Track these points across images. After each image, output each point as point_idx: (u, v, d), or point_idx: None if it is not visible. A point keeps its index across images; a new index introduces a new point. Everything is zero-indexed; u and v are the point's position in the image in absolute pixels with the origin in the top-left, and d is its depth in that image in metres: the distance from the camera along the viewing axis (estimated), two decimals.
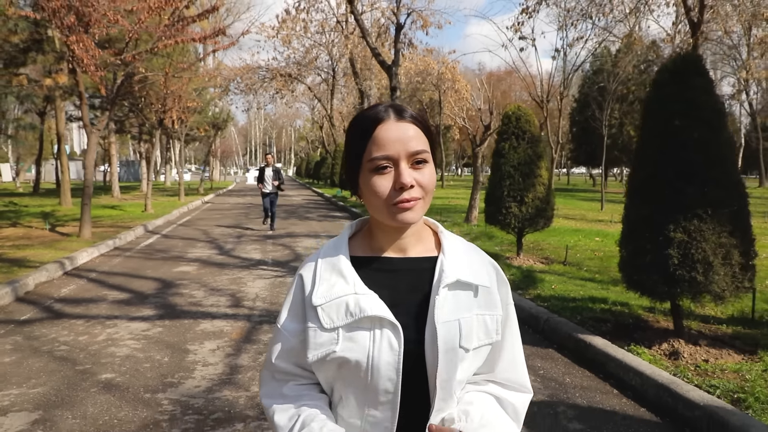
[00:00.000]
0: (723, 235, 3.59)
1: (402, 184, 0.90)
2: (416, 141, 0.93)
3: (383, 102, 0.98)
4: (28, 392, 3.29)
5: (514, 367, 1.05)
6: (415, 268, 0.99)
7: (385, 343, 0.92)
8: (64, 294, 5.85)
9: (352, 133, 0.98)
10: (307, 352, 0.94)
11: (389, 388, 0.93)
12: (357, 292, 0.94)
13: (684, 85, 3.75)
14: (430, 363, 0.94)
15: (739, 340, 4.11)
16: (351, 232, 1.06)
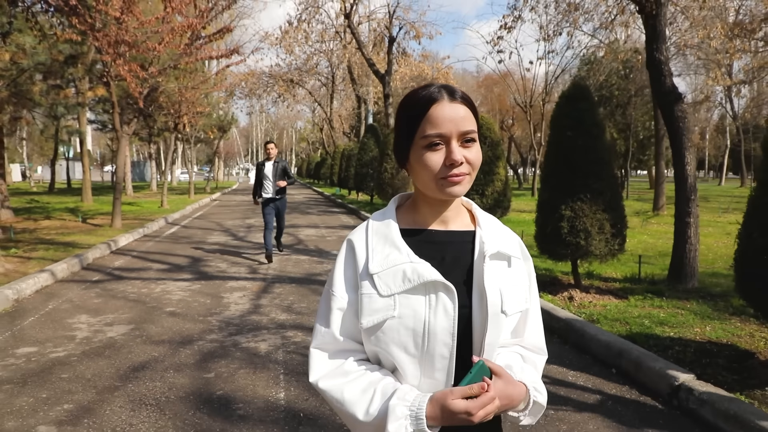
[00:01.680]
0: (598, 212, 5.15)
1: (453, 160, 0.96)
2: (467, 121, 0.98)
3: (435, 83, 1.04)
4: (120, 316, 4.87)
5: (538, 333, 1.13)
6: (457, 240, 1.06)
7: (441, 307, 0.97)
8: (118, 265, 7.44)
9: (406, 111, 1.02)
10: (361, 318, 0.99)
11: (444, 353, 0.98)
12: (412, 260, 0.99)
13: (573, 107, 5.31)
14: (477, 326, 1.00)
15: (621, 291, 5.67)
16: (396, 205, 1.11)
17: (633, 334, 4.20)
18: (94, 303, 5.37)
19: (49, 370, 3.60)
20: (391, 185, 14.83)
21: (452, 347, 0.98)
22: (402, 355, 0.99)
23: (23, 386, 3.33)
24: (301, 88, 30.07)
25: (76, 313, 5.01)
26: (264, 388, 3.32)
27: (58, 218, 13.33)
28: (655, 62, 5.58)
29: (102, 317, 4.85)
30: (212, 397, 3.19)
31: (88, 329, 4.50)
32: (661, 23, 5.58)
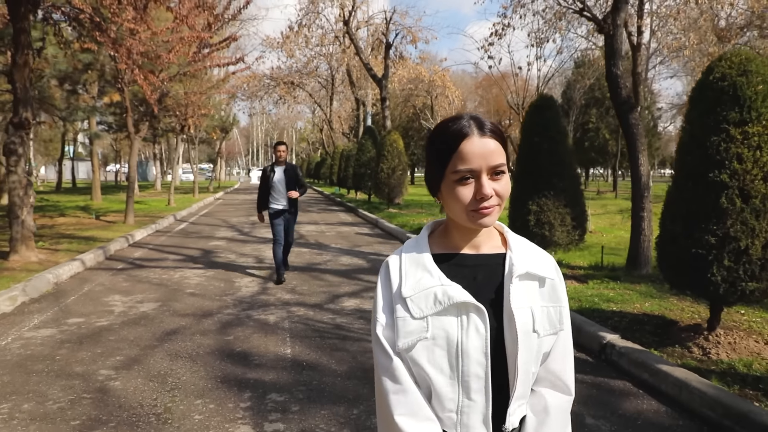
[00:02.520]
0: (560, 207, 5.95)
1: (483, 194, 1.00)
2: (497, 155, 1.01)
3: (464, 114, 1.07)
4: (148, 296, 5.67)
5: (564, 360, 1.12)
6: (489, 263, 1.09)
7: (473, 327, 1.01)
8: (138, 256, 8.24)
9: (437, 144, 1.05)
10: (397, 341, 1.03)
11: (480, 373, 1.01)
12: (443, 283, 1.03)
13: (540, 115, 6.11)
14: (509, 346, 1.02)
15: (584, 277, 6.46)
16: (428, 232, 1.16)
17: (582, 308, 5.00)
18: (123, 286, 6.17)
19: (98, 334, 4.40)
20: (387, 185, 15.61)
21: (486, 366, 1.01)
22: (438, 376, 1.02)
23: (80, 345, 4.13)
24: (302, 90, 30.85)
25: (109, 293, 5.81)
26: (274, 347, 4.12)
27: (72, 215, 14.12)
28: (613, 76, 6.38)
29: (132, 297, 5.65)
30: (233, 353, 3.99)
31: (123, 305, 5.30)
32: (618, 42, 6.37)
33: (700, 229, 3.70)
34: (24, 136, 7.32)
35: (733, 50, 3.92)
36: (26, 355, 3.91)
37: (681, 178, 4.00)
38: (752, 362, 3.64)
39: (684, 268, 3.83)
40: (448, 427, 1.04)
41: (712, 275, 3.63)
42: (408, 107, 36.95)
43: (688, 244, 3.75)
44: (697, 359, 3.77)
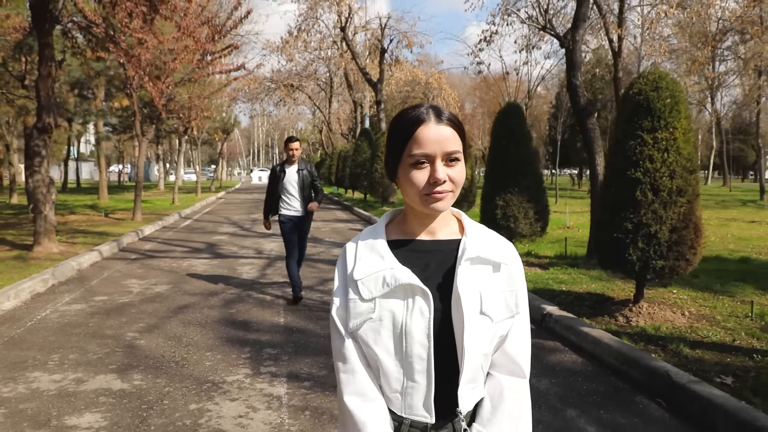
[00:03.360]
0: (524, 202, 6.73)
1: (436, 179, 1.02)
2: (452, 142, 1.04)
3: (424, 103, 1.09)
4: (161, 280, 6.46)
5: (521, 346, 1.13)
6: (443, 249, 1.12)
7: (417, 309, 1.04)
8: (148, 248, 9.04)
9: (395, 130, 1.08)
10: (349, 322, 1.08)
11: (422, 354, 1.04)
12: (393, 267, 1.07)
13: (507, 122, 6.90)
14: (457, 328, 1.04)
15: (547, 264, 7.25)
16: (387, 220, 1.19)
17: (536, 288, 5.79)
18: (138, 272, 6.97)
19: (121, 308, 5.20)
20: (381, 184, 16.40)
21: (429, 348, 1.03)
22: (385, 356, 1.05)
23: (108, 315, 4.93)
24: (301, 92, 31.64)
25: (127, 278, 6.61)
26: (269, 317, 4.92)
27: (82, 213, 14.92)
28: (572, 86, 7.17)
29: (147, 281, 6.45)
30: (236, 321, 4.79)
31: (140, 287, 6.10)
32: (577, 56, 7.16)
33: (620, 218, 4.49)
34: (46, 139, 8.12)
35: (650, 70, 4.71)
36: (64, 322, 4.71)
37: (608, 175, 4.79)
38: (660, 326, 4.43)
39: (609, 251, 4.62)
40: (395, 408, 1.08)
41: (629, 255, 4.42)
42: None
43: (612, 230, 4.54)
44: (618, 325, 4.56)
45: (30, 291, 5.65)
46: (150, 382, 3.43)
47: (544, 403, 3.21)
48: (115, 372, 3.59)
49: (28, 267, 6.74)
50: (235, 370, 3.63)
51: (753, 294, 5.53)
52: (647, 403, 3.25)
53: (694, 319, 4.68)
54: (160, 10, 8.41)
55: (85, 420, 2.91)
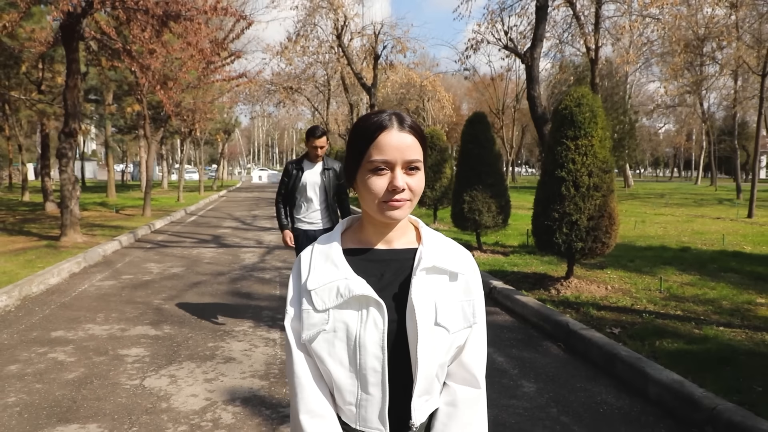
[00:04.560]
0: (487, 198, 7.82)
1: (395, 187, 1.01)
2: (413, 150, 1.03)
3: (387, 109, 1.09)
4: (175, 264, 7.56)
5: (478, 353, 1.13)
6: (400, 258, 1.10)
7: (371, 321, 1.02)
8: (161, 239, 10.15)
9: (357, 134, 1.06)
10: (302, 333, 1.05)
11: (377, 366, 1.03)
12: (347, 277, 1.04)
13: (473, 128, 7.98)
14: (411, 340, 1.02)
15: (510, 252, 8.33)
16: (343, 228, 1.16)
17: (492, 270, 6.88)
18: (155, 258, 8.07)
19: (145, 283, 6.30)
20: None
21: (383, 360, 1.02)
22: (338, 369, 1.04)
23: (135, 289, 6.03)
24: (300, 94, 32.73)
25: (146, 262, 7.71)
26: (268, 290, 6.02)
27: (94, 210, 16.01)
28: (531, 97, 8.26)
29: (164, 264, 7.55)
30: (241, 293, 5.89)
31: (158, 269, 7.20)
32: (535, 71, 8.25)
33: (550, 209, 5.58)
34: (72, 142, 9.20)
35: (574, 88, 5.80)
36: (101, 293, 5.81)
37: (542, 175, 5.89)
38: (580, 296, 5.53)
39: (542, 236, 5.71)
40: (350, 420, 1.07)
41: (556, 239, 5.51)
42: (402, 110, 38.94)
43: (544, 219, 5.63)
44: (548, 295, 5.65)
45: (68, 271, 6.75)
46: (176, 330, 4.53)
47: None
48: (149, 324, 4.69)
49: (59, 253, 7.83)
50: (241, 323, 4.73)
51: (672, 274, 6.62)
52: (550, 345, 4.35)
53: (611, 291, 5.78)
54: (171, 28, 9.49)
55: (133, 352, 4.01)
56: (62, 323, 4.71)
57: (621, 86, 32.69)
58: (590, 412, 3.17)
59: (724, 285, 6.01)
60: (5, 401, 3.16)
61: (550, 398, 3.34)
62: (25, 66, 12.07)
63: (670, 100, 32.36)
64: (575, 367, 3.89)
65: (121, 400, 3.19)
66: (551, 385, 3.55)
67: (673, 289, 5.85)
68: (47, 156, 15.98)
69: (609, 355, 3.84)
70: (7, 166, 30.85)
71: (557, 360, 4.05)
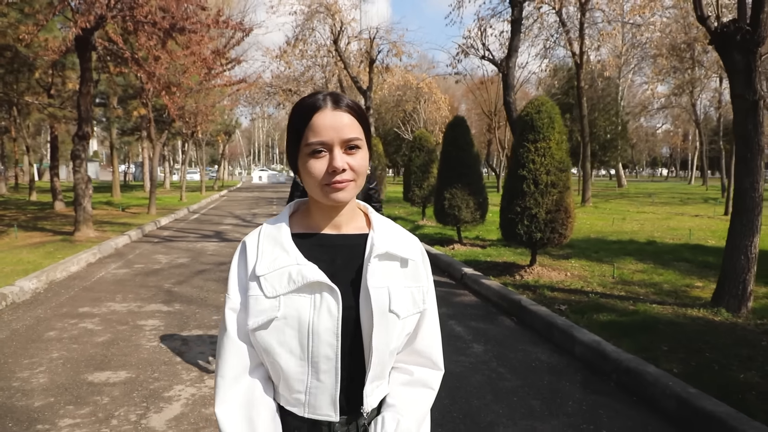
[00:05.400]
0: (466, 195, 8.56)
1: (334, 167, 0.98)
2: (350, 128, 1.00)
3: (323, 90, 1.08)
4: (182, 255, 8.31)
5: (432, 340, 1.15)
6: (350, 244, 1.08)
7: (325, 308, 1.00)
8: (166, 234, 10.90)
9: (293, 118, 1.03)
10: (248, 320, 1.01)
11: (330, 354, 1.01)
12: (299, 263, 1.02)
13: (453, 131, 8.72)
14: (365, 326, 1.02)
15: (487, 245, 9.08)
16: (290, 212, 1.14)
17: (467, 259, 7.62)
18: (162, 250, 8.83)
19: (156, 271, 7.05)
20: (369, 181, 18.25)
21: (337, 348, 1.01)
22: (288, 357, 1.01)
23: (147, 276, 6.78)
24: (299, 96, 33.46)
25: (154, 254, 8.47)
26: None
27: (101, 209, 16.75)
28: (507, 103, 9.00)
29: (171, 255, 8.30)
30: None
31: (166, 259, 7.95)
32: (511, 79, 8.98)
33: (513, 203, 6.32)
34: (85, 144, 9.95)
35: (535, 97, 6.54)
36: (117, 279, 6.56)
37: (508, 173, 6.63)
38: (539, 280, 6.28)
39: (507, 227, 6.45)
40: (296, 409, 1.06)
41: (518, 230, 6.25)
42: (399, 111, 39.68)
43: (508, 213, 6.38)
44: (512, 280, 6.40)
45: (86, 261, 7.51)
46: (186, 307, 5.28)
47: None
48: (161, 303, 5.44)
49: (75, 246, 8.59)
50: None
51: (630, 263, 7.36)
52: (504, 318, 5.10)
53: (569, 277, 6.52)
54: (176, 39, 10.24)
55: (149, 323, 4.76)
56: (86, 302, 5.46)
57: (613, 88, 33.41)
58: (524, 365, 3.92)
59: (672, 272, 6.75)
60: (50, 356, 3.91)
61: (494, 356, 4.09)
62: (38, 72, 12.83)
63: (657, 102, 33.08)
64: (521, 335, 4.64)
65: (143, 356, 3.94)
66: (497, 347, 4.30)
67: (624, 275, 6.59)
68: (56, 157, 16.74)
69: (548, 324, 4.58)
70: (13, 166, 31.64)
71: (508, 330, 4.79)
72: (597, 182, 47.43)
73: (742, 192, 4.84)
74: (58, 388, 3.37)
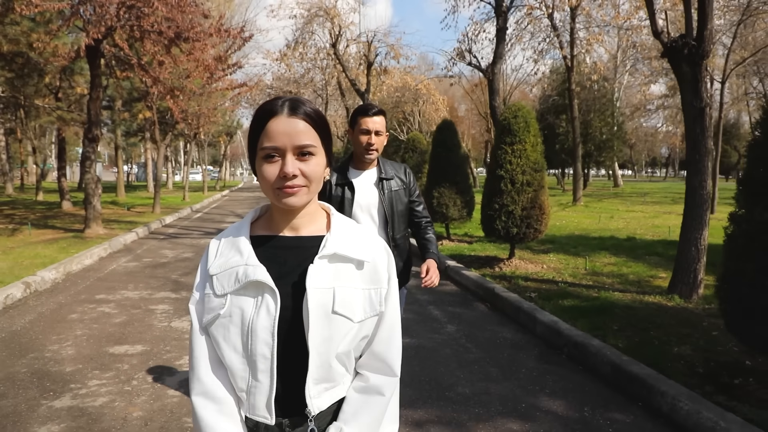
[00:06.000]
0: (453, 193, 9.10)
1: (285, 173, 1.01)
2: (304, 135, 1.02)
3: (284, 96, 1.07)
4: (187, 250, 8.87)
5: (389, 344, 1.14)
6: (305, 245, 1.10)
7: (264, 307, 1.04)
8: (171, 231, 11.47)
9: (252, 122, 1.06)
10: (203, 317, 1.09)
11: (266, 353, 1.03)
12: (248, 263, 1.06)
13: (441, 133, 9.27)
14: (305, 326, 1.03)
15: (475, 241, 9.62)
16: (254, 216, 1.18)
17: (453, 254, 8.17)
18: (168, 246, 9.39)
19: (164, 264, 7.61)
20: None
21: (273, 347, 1.03)
22: (231, 354, 1.05)
23: (155, 268, 7.34)
24: None
25: (161, 249, 9.03)
26: None
27: (107, 208, 17.31)
28: (492, 107, 9.55)
29: (176, 251, 8.87)
30: None
31: (172, 254, 8.52)
32: (496, 84, 9.53)
33: (492, 201, 6.86)
34: (95, 146, 10.52)
35: (512, 103, 7.08)
36: (128, 271, 7.12)
37: (487, 173, 7.17)
38: (515, 271, 6.83)
39: (486, 223, 7.00)
40: (242, 407, 1.09)
41: (496, 226, 6.80)
42: (398, 112, 40.29)
43: (488, 210, 6.92)
44: (491, 271, 6.94)
45: (98, 255, 8.08)
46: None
47: (419, 305, 5.60)
48: (170, 291, 6.00)
49: (86, 242, 9.15)
50: None
51: (604, 257, 7.90)
52: (479, 304, 5.64)
53: (545, 269, 7.07)
54: (180, 46, 10.79)
55: (160, 307, 5.32)
56: (102, 290, 6.02)
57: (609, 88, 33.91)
58: (490, 342, 4.46)
59: (641, 265, 7.29)
60: (75, 333, 4.47)
61: (464, 334, 4.64)
62: (48, 77, 13.41)
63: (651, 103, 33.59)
64: (492, 318, 5.19)
65: (156, 333, 4.50)
66: (468, 327, 4.84)
67: (596, 267, 7.14)
68: (64, 158, 17.32)
69: (516, 308, 5.13)
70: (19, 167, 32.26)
71: (481, 314, 5.34)
72: (595, 182, 47.95)
73: (692, 190, 5.38)
74: (84, 358, 3.93)
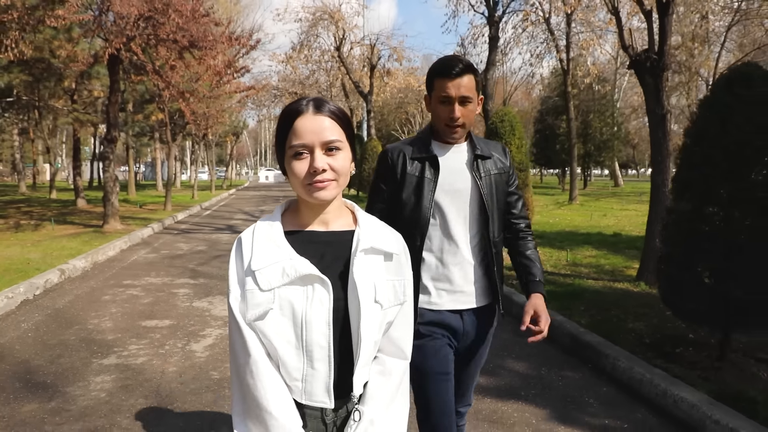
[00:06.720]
0: None
1: (314, 168, 1.06)
2: (330, 131, 1.08)
3: (309, 96, 1.14)
4: (200, 244, 9.56)
5: (405, 329, 1.23)
6: (338, 240, 1.16)
7: (317, 298, 1.09)
8: (184, 227, 12.18)
9: (279, 123, 1.13)
10: (247, 312, 1.09)
11: (322, 343, 1.09)
12: (291, 257, 1.09)
13: None
14: (353, 316, 1.11)
15: None
16: (282, 210, 1.21)
17: None
18: (183, 240, 10.09)
19: (180, 256, 8.30)
20: (369, 181, 19.48)
21: (329, 336, 1.09)
22: (284, 346, 1.09)
23: (173, 259, 8.03)
24: None
25: (176, 243, 9.73)
26: None
27: (120, 205, 18.04)
28: (485, 110, 10.17)
29: (190, 244, 9.56)
30: None
31: (187, 247, 9.21)
32: (488, 89, 10.15)
33: None
34: (113, 147, 11.23)
35: (499, 108, 7.73)
36: (149, 261, 7.81)
37: None
38: None
39: None
40: (295, 395, 1.12)
41: None
42: (401, 113, 40.92)
43: None
44: None
45: (119, 248, 8.78)
46: (208, 280, 6.52)
47: None
48: (188, 277, 6.69)
49: (106, 237, 9.85)
50: None
51: (586, 250, 8.52)
52: None
53: None
54: (192, 53, 11.48)
55: (182, 291, 6.00)
56: (128, 277, 6.71)
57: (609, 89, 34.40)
58: None
59: (619, 257, 7.91)
60: (110, 311, 5.16)
61: None
62: (66, 81, 14.14)
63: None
64: None
65: (179, 311, 5.18)
66: None
67: (577, 259, 7.76)
68: (78, 158, 18.07)
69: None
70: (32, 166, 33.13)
71: None
72: (596, 182, 48.43)
73: (656, 187, 6.01)
74: (121, 329, 4.61)
